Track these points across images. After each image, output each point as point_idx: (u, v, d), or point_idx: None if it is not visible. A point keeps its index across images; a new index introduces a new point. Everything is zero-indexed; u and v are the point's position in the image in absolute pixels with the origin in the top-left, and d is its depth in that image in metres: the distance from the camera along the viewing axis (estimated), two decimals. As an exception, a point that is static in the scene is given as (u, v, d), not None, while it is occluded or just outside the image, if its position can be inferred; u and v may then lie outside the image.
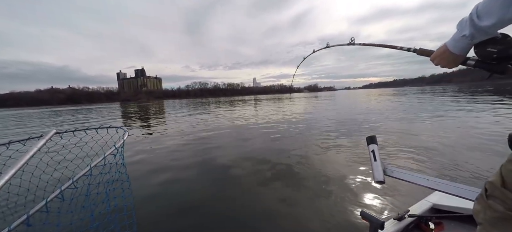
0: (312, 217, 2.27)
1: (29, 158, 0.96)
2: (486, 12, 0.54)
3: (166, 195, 2.88)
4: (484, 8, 0.55)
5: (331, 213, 2.30)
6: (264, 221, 2.24)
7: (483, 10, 0.55)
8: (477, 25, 0.57)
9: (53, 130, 1.23)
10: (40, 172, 1.42)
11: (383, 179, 0.90)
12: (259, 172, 3.51)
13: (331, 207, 2.41)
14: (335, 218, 2.22)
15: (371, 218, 1.01)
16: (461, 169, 3.23)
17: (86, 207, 1.15)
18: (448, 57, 0.70)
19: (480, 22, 0.56)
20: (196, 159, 4.38)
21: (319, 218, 2.24)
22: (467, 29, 0.60)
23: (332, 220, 2.19)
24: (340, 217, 2.23)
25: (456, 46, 0.66)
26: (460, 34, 0.63)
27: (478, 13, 0.56)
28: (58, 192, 1.00)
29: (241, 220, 2.26)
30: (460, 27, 0.63)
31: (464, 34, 0.61)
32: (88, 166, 1.12)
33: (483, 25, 0.56)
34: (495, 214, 0.57)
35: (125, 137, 1.41)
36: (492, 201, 0.59)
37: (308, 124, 8.08)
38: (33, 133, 1.86)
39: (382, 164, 0.95)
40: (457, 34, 0.64)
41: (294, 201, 2.58)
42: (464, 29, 0.61)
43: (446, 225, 1.29)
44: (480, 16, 0.56)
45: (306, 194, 2.74)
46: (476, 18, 0.57)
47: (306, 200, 2.60)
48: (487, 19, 0.55)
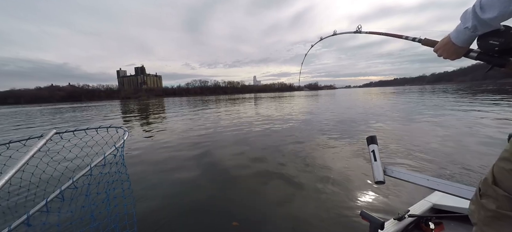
0: (312, 216, 2.27)
1: (29, 158, 0.96)
2: (489, 4, 0.54)
3: (166, 195, 2.88)
4: (487, 0, 0.54)
5: (331, 213, 2.30)
6: (264, 220, 2.24)
7: (486, 2, 0.54)
8: (480, 17, 0.56)
9: (53, 130, 1.22)
10: (40, 172, 1.42)
11: (383, 179, 0.90)
12: (259, 172, 3.51)
13: (331, 207, 2.41)
14: (335, 218, 2.23)
15: (371, 218, 1.02)
16: (461, 169, 3.22)
17: (86, 207, 1.15)
18: (450, 49, 0.70)
19: (483, 14, 0.56)
20: (196, 159, 4.38)
21: (319, 218, 2.24)
22: (470, 21, 0.60)
23: (332, 220, 2.19)
24: (340, 217, 2.23)
25: (459, 38, 0.66)
26: (463, 26, 0.63)
27: (481, 5, 0.56)
28: (58, 192, 1.00)
29: (241, 220, 2.26)
30: (463, 19, 0.63)
31: (467, 26, 0.61)
32: (88, 166, 1.12)
33: (485, 18, 0.55)
34: (488, 213, 0.57)
35: (125, 137, 1.40)
36: (485, 200, 0.59)
37: (308, 123, 8.07)
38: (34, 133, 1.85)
39: (382, 164, 0.95)
40: (460, 26, 0.64)
41: (294, 201, 2.58)
42: (467, 21, 0.61)
43: (446, 225, 1.29)
44: (483, 8, 0.55)
45: (306, 194, 2.74)
46: (479, 10, 0.56)
47: (306, 199, 2.60)
48: (490, 11, 0.54)
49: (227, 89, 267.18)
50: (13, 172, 0.86)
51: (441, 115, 8.29)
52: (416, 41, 0.89)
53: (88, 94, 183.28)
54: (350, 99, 23.11)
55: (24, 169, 0.98)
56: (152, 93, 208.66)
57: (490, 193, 0.57)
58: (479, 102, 11.95)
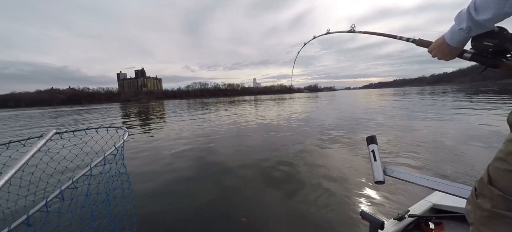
0: (312, 217, 2.26)
1: (29, 158, 0.96)
2: (483, 5, 0.54)
3: (166, 195, 2.87)
4: (482, 2, 0.54)
5: (331, 213, 2.30)
6: (263, 221, 2.24)
7: (480, 4, 0.54)
8: (474, 19, 0.56)
9: (53, 130, 1.23)
10: (40, 172, 1.42)
11: (383, 179, 0.90)
12: (259, 173, 3.51)
13: (331, 207, 2.41)
14: (335, 218, 2.22)
15: (371, 218, 1.01)
16: (461, 169, 3.22)
17: (86, 207, 1.15)
18: (445, 49, 0.70)
19: (477, 15, 0.56)
20: (197, 159, 4.37)
21: (319, 218, 2.24)
22: (464, 22, 0.60)
23: (332, 220, 2.19)
24: (340, 217, 2.23)
25: (453, 39, 0.66)
26: (457, 27, 0.63)
27: (476, 6, 0.55)
28: (58, 192, 1.00)
29: (241, 219, 2.26)
30: (458, 20, 0.63)
31: (461, 27, 0.61)
32: (88, 166, 1.12)
33: (480, 19, 0.55)
34: (484, 213, 0.57)
35: (125, 137, 1.40)
36: (481, 199, 0.59)
37: (308, 125, 8.08)
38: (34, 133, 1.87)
39: (382, 164, 0.95)
40: (455, 27, 0.64)
41: (293, 201, 2.58)
42: (461, 22, 0.61)
43: (446, 225, 1.28)
44: (478, 9, 0.55)
45: (306, 194, 2.74)
46: (473, 11, 0.56)
47: (305, 200, 2.60)
48: (484, 12, 0.54)
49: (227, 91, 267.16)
50: (13, 172, 0.86)
51: (441, 116, 8.29)
52: (410, 42, 0.89)
53: (88, 97, 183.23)
54: (350, 101, 23.13)
55: (24, 169, 0.98)
56: (152, 96, 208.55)
57: (486, 192, 0.58)
58: (479, 102, 11.95)
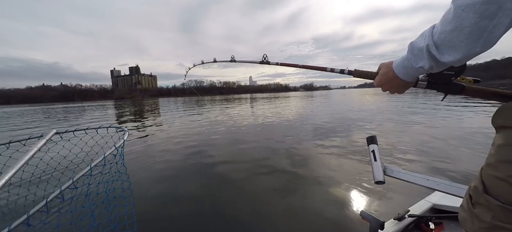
0: (311, 217, 2.27)
1: (29, 158, 0.96)
2: (448, 44, 0.44)
3: (166, 195, 2.87)
4: (445, 41, 0.44)
5: (330, 213, 2.30)
6: (263, 221, 2.24)
7: (444, 44, 0.44)
8: (439, 60, 0.46)
9: (53, 130, 1.23)
10: (40, 172, 1.42)
11: (383, 179, 0.90)
12: (257, 173, 3.51)
13: (330, 207, 2.41)
14: (335, 218, 2.23)
15: (371, 218, 1.02)
16: (461, 169, 3.23)
17: (86, 207, 1.15)
18: (399, 84, 0.62)
19: (442, 57, 0.45)
20: (197, 159, 4.37)
21: (318, 218, 2.24)
22: (424, 61, 0.49)
23: (332, 220, 2.19)
24: (340, 217, 2.23)
25: (408, 74, 0.57)
26: (415, 64, 0.52)
27: (437, 45, 0.45)
28: (58, 192, 1.00)
29: (240, 219, 2.26)
30: (413, 56, 0.52)
31: (420, 65, 0.51)
32: (88, 166, 1.12)
33: (445, 61, 0.45)
34: (483, 225, 0.53)
35: (125, 137, 1.41)
36: (478, 209, 0.55)
37: (306, 123, 8.07)
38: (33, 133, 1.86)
39: (382, 164, 0.95)
40: (410, 63, 0.53)
41: (293, 202, 2.58)
42: (420, 59, 0.51)
43: (446, 225, 1.29)
44: (440, 49, 0.45)
45: (305, 194, 2.74)
46: (435, 51, 0.46)
47: (305, 200, 2.60)
48: (449, 53, 0.44)
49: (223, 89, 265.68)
50: (13, 172, 0.86)
51: (441, 115, 8.30)
52: (345, 73, 0.81)
53: (81, 94, 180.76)
54: (346, 100, 23.12)
55: (24, 169, 0.98)
56: (147, 93, 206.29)
57: (482, 202, 0.53)
58: (478, 103, 11.96)
